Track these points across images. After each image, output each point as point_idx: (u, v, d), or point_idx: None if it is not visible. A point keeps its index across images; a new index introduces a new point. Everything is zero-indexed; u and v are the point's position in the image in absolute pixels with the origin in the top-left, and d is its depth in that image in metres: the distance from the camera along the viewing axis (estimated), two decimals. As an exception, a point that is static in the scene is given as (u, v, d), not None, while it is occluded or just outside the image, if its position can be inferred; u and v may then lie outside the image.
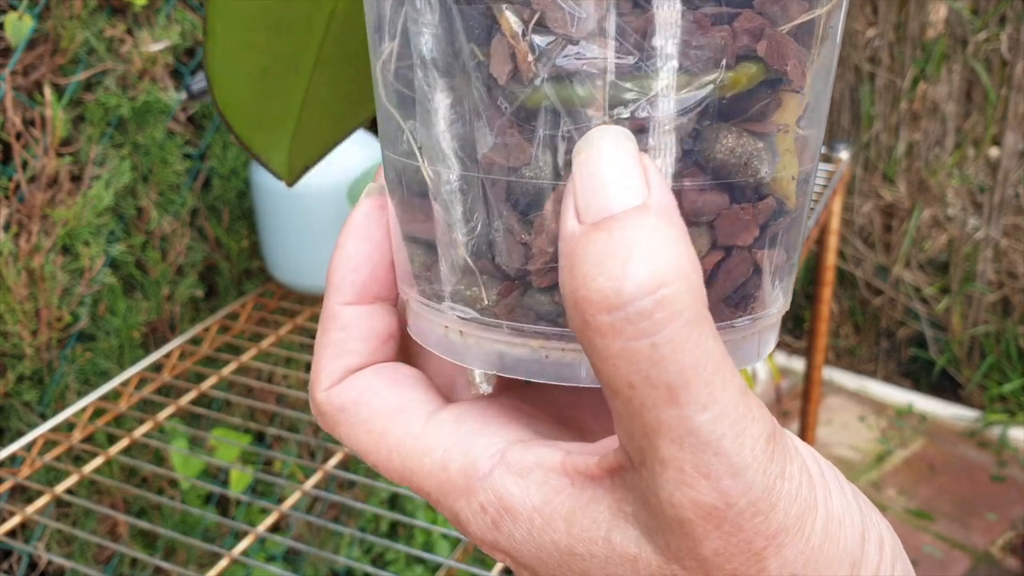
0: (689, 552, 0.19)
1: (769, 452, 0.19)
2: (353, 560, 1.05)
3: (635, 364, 0.18)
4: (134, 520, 0.73)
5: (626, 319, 0.18)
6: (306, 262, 0.94)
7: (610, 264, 0.18)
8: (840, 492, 0.21)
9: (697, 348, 0.18)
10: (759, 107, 0.21)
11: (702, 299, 0.18)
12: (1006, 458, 1.84)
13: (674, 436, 0.18)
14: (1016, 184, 1.88)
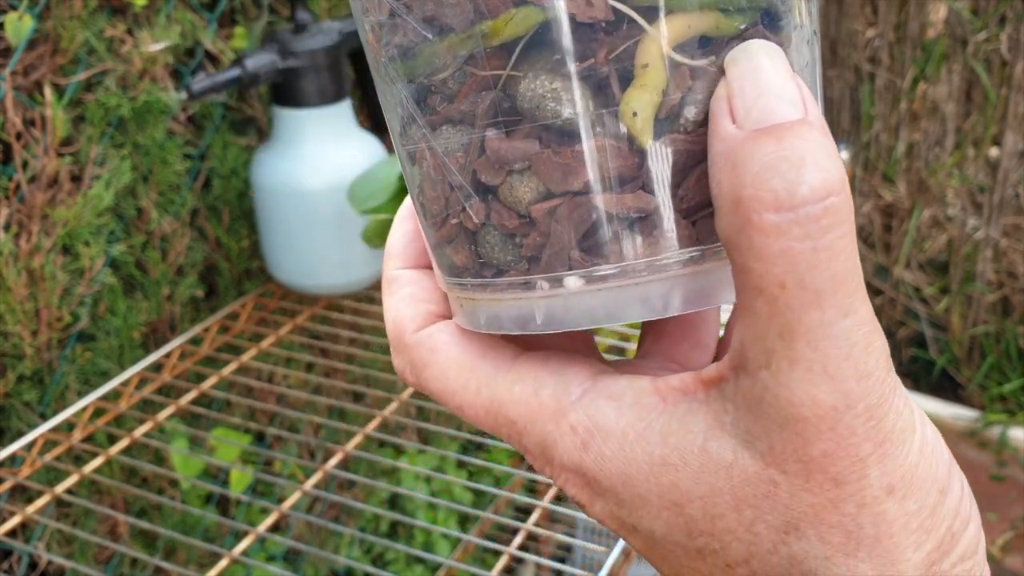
0: (795, 454, 0.20)
1: (889, 367, 0.20)
2: (353, 560, 1.05)
3: (792, 264, 0.19)
4: (134, 520, 0.73)
5: (795, 220, 0.19)
6: (306, 262, 0.94)
7: (784, 167, 0.19)
8: (931, 426, 0.21)
9: (849, 259, 0.19)
10: (554, 48, 0.22)
11: (852, 212, 0.20)
12: (1006, 458, 1.84)
13: (811, 337, 0.19)
14: (1016, 184, 1.88)
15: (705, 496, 0.21)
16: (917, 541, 0.20)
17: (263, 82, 0.89)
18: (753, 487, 0.20)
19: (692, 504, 0.21)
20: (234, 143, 1.01)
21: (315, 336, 1.06)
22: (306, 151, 0.91)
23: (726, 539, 0.21)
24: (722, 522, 0.21)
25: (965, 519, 0.21)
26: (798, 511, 0.20)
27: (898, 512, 0.20)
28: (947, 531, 0.21)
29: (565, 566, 0.67)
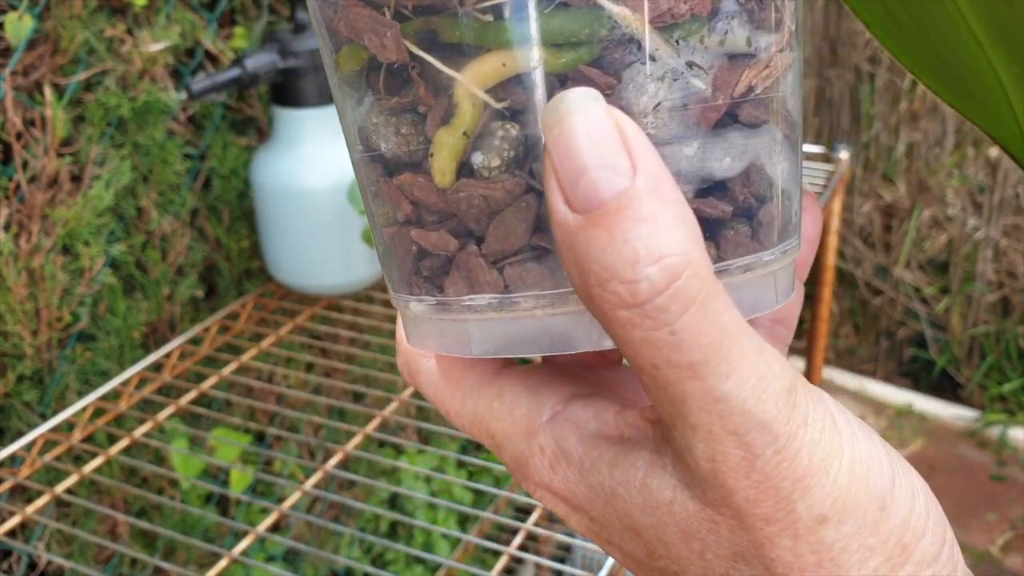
0: (723, 501, 0.20)
1: (791, 403, 0.20)
2: (353, 560, 1.06)
3: (657, 349, 0.19)
4: (134, 520, 0.73)
5: (643, 314, 0.19)
6: (306, 262, 0.94)
7: (619, 267, 0.18)
8: (868, 440, 0.21)
9: (713, 327, 0.19)
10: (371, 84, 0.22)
11: (709, 275, 0.19)
12: (1006, 458, 1.84)
13: (701, 405, 0.19)
14: (1016, 184, 1.88)
15: (655, 526, 0.22)
16: (860, 559, 0.21)
17: (263, 82, 0.89)
18: (696, 523, 0.21)
19: (645, 531, 0.22)
20: (234, 143, 1.01)
21: (315, 336, 1.06)
22: (306, 151, 0.91)
23: (683, 563, 0.22)
24: (675, 549, 0.22)
25: (919, 530, 0.21)
26: (741, 546, 0.21)
27: (835, 536, 0.20)
28: (896, 544, 0.21)
29: (565, 566, 0.67)
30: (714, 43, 0.21)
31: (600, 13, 0.20)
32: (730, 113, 0.22)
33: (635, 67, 0.20)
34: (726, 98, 0.21)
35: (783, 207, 0.23)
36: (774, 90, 0.22)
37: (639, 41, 0.20)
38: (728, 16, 0.21)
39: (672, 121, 0.21)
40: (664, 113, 0.21)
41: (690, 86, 0.21)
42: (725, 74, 0.21)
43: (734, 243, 0.22)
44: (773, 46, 0.22)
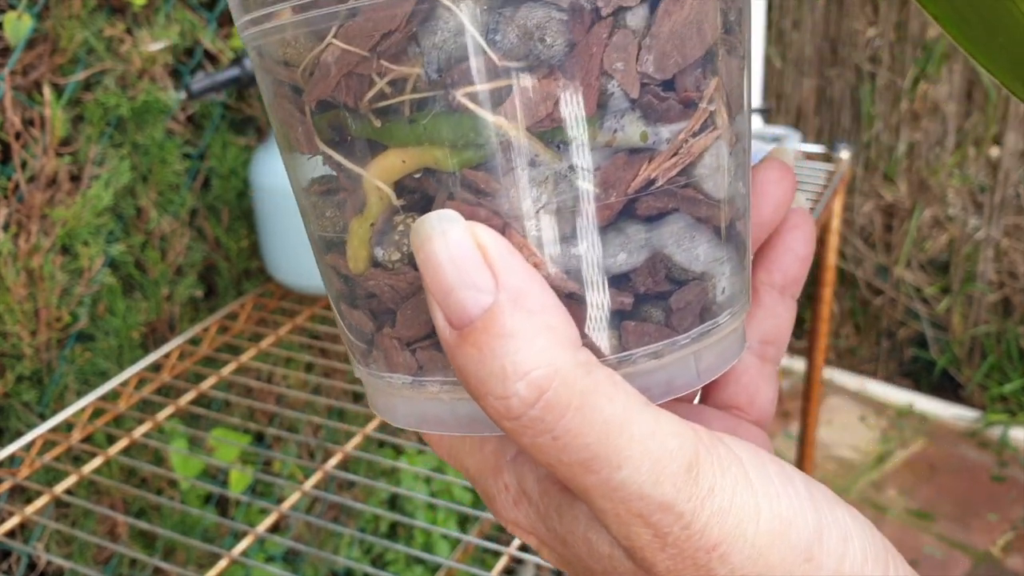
0: (648, 569, 0.21)
1: (692, 478, 0.20)
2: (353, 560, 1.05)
3: (545, 453, 0.20)
4: (133, 520, 0.73)
5: (524, 426, 0.20)
6: (306, 262, 0.94)
7: (491, 384, 0.19)
8: (790, 494, 0.22)
9: (595, 425, 0.20)
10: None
11: (583, 376, 0.20)
12: (1007, 458, 1.84)
13: (601, 494, 0.20)
14: (1017, 184, 1.88)
15: (606, 571, 0.23)
16: None
17: (262, 81, 0.89)
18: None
19: (599, 574, 0.23)
20: (233, 143, 1.00)
21: (314, 336, 1.06)
22: (305, 151, 0.91)
23: None
24: None
25: (854, 573, 0.22)
26: None
27: None
28: None
29: (565, 567, 0.67)
30: (602, 143, 0.21)
31: (479, 120, 0.20)
32: (626, 208, 0.21)
33: (516, 172, 0.20)
34: (619, 195, 0.21)
35: (703, 290, 0.23)
36: (685, 177, 0.22)
37: (518, 148, 0.20)
38: (617, 114, 0.21)
39: (559, 222, 0.21)
40: (550, 215, 0.21)
41: (575, 188, 0.21)
42: (617, 172, 0.21)
43: (637, 333, 0.22)
44: (683, 133, 0.22)
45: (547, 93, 0.20)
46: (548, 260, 0.21)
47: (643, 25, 0.21)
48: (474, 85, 0.20)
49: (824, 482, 0.25)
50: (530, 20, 0.20)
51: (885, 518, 1.69)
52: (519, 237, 0.21)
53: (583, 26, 0.20)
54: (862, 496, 1.75)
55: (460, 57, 0.20)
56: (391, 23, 0.20)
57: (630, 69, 0.20)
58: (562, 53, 0.20)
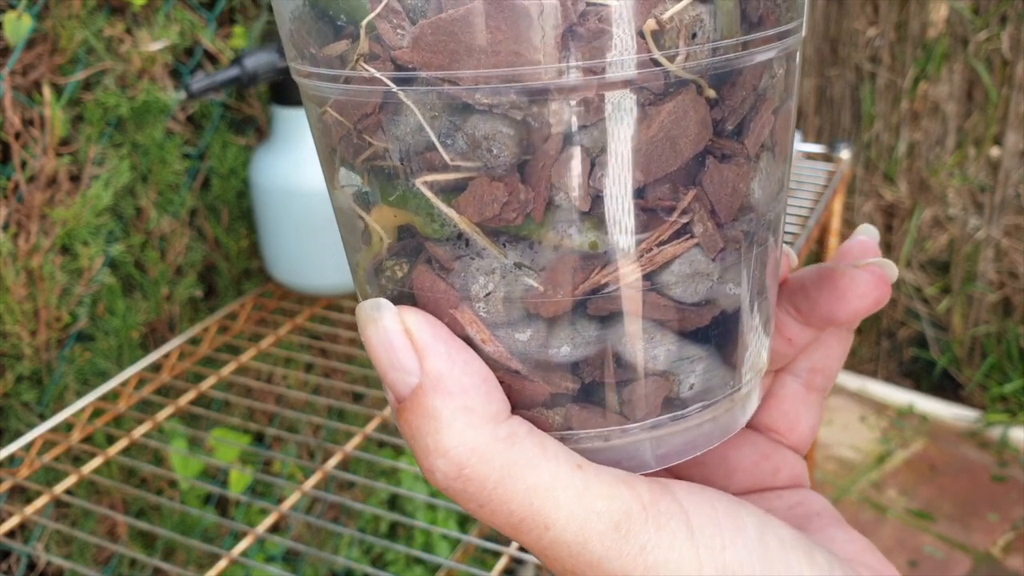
0: None
1: (621, 535, 0.21)
2: (353, 561, 1.05)
3: (482, 517, 0.22)
4: (133, 521, 0.73)
5: (453, 495, 0.22)
6: (306, 262, 0.94)
7: (421, 457, 0.22)
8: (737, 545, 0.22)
9: (517, 494, 0.21)
10: None
11: (501, 452, 0.21)
12: (1007, 458, 1.84)
13: (537, 552, 0.22)
14: (1017, 184, 1.88)
15: None
16: None
17: (262, 81, 0.89)
18: None
19: None
20: (233, 142, 1.00)
21: (314, 336, 1.06)
22: (305, 151, 0.91)
23: None
24: None
25: None
26: None
27: None
28: None
29: (565, 567, 0.67)
30: (549, 247, 0.21)
31: (434, 208, 0.22)
32: (576, 306, 0.22)
33: (465, 259, 0.22)
34: (567, 295, 0.22)
35: (663, 385, 0.23)
36: (648, 282, 0.22)
37: (468, 238, 0.22)
38: (566, 223, 0.21)
39: (504, 308, 0.22)
40: (496, 301, 0.22)
41: (521, 282, 0.22)
42: (566, 274, 0.22)
43: (581, 417, 0.23)
44: (645, 243, 0.22)
45: (494, 196, 0.21)
46: (494, 339, 0.22)
47: (598, 145, 0.21)
48: (429, 176, 0.21)
49: (824, 482, 0.25)
50: (478, 131, 0.21)
51: (885, 518, 1.69)
52: (470, 315, 0.22)
53: (531, 141, 0.21)
54: (862, 496, 1.75)
55: (418, 151, 0.21)
56: (366, 107, 0.22)
57: (581, 184, 0.21)
58: (508, 164, 0.21)
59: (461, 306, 0.22)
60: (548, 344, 0.22)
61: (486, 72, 0.20)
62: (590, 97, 0.20)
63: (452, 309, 0.22)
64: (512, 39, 0.20)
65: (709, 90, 0.21)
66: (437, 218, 0.22)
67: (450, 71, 0.20)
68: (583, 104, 0.20)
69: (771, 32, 0.22)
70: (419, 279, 0.23)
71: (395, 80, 0.21)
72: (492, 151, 0.21)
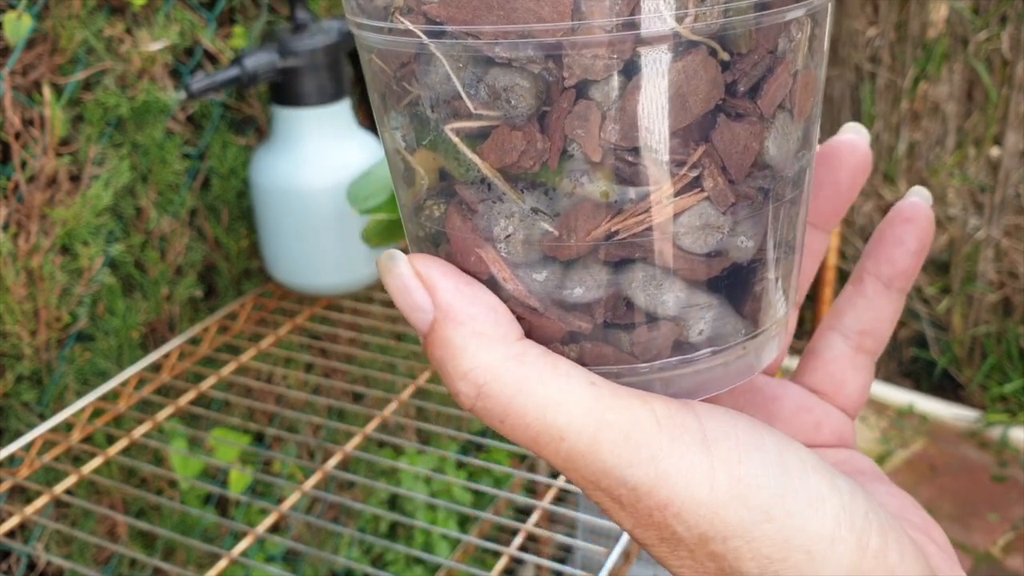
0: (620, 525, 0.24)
1: (632, 445, 0.22)
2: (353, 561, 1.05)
3: (505, 434, 0.23)
4: (133, 521, 0.73)
5: (477, 414, 0.23)
6: (306, 262, 0.94)
7: (448, 384, 0.23)
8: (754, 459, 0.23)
9: (531, 408, 0.22)
10: None
11: (514, 369, 0.23)
12: (1007, 458, 1.84)
13: (557, 464, 0.23)
14: (1017, 184, 1.88)
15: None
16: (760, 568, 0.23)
17: (262, 81, 0.89)
18: None
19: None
20: (233, 142, 1.00)
21: (314, 336, 1.06)
22: (306, 151, 0.91)
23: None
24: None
25: (826, 536, 0.23)
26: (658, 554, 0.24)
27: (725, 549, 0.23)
28: (800, 551, 0.23)
29: (565, 567, 0.67)
30: (563, 193, 0.23)
31: (461, 153, 0.23)
32: (589, 250, 0.23)
33: (489, 203, 0.23)
34: (580, 240, 0.23)
35: (672, 329, 0.24)
36: (658, 232, 0.23)
37: (491, 183, 0.23)
38: (578, 172, 0.23)
39: (523, 250, 0.24)
40: (516, 243, 0.24)
41: (537, 226, 0.23)
42: (579, 220, 0.23)
43: (593, 354, 0.24)
44: (655, 194, 0.23)
45: (513, 144, 0.22)
46: (515, 278, 0.24)
47: (610, 98, 0.22)
48: (456, 123, 0.23)
49: None
50: (498, 82, 0.22)
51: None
52: (493, 254, 0.24)
53: (547, 94, 0.22)
54: (862, 496, 1.75)
55: (447, 99, 0.23)
56: (403, 57, 0.24)
57: (592, 136, 0.22)
58: (526, 114, 0.22)
59: (485, 246, 0.24)
60: (563, 285, 0.24)
61: (505, 28, 0.21)
62: (600, 54, 0.21)
63: (478, 248, 0.24)
64: None
65: (722, 52, 0.22)
66: (464, 163, 0.23)
67: (473, 26, 0.22)
68: (594, 60, 0.21)
69: None
70: (451, 219, 0.24)
71: (426, 33, 0.22)
72: (511, 102, 0.22)
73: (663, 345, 0.24)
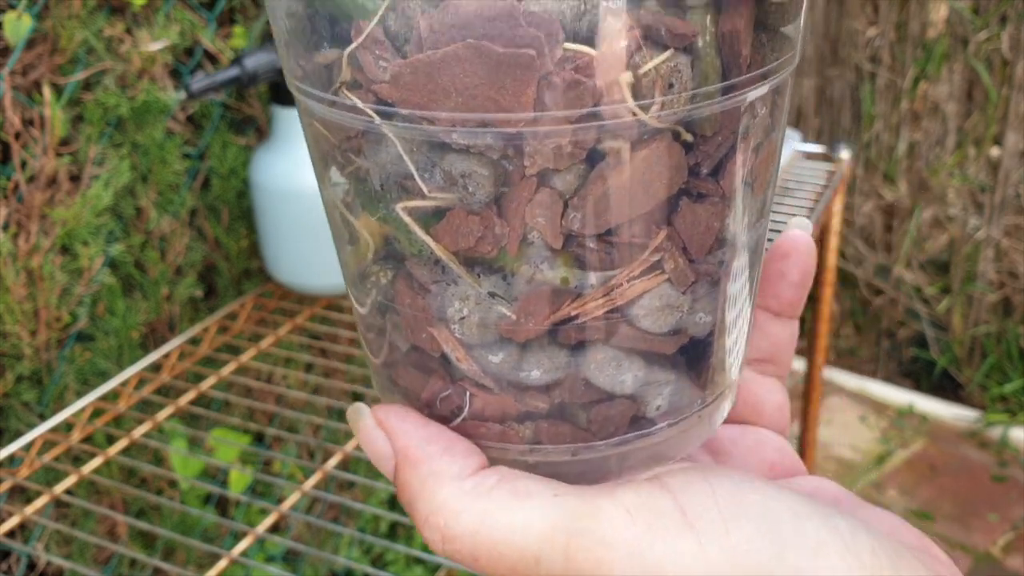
0: None
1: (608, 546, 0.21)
2: (353, 561, 1.05)
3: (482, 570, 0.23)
4: (133, 521, 0.73)
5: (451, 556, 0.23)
6: (306, 262, 0.94)
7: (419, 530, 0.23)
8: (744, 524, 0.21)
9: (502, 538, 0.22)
10: None
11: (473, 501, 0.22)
12: (1007, 458, 1.84)
13: None
14: (1017, 184, 1.88)
15: None
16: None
17: (262, 81, 0.89)
18: None
19: None
20: (233, 142, 1.00)
21: (314, 336, 1.06)
22: (306, 151, 0.91)
23: None
24: None
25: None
26: None
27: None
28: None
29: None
30: (522, 279, 0.22)
31: (412, 233, 0.22)
32: (547, 333, 0.23)
33: (441, 284, 0.23)
34: (538, 324, 0.22)
35: (630, 407, 0.24)
36: (618, 314, 0.22)
37: (444, 266, 0.22)
38: (538, 259, 0.22)
39: (478, 332, 0.23)
40: (471, 325, 0.23)
41: (494, 310, 0.22)
42: (537, 305, 0.22)
43: (550, 433, 0.24)
44: (616, 279, 0.22)
45: (469, 228, 0.21)
46: (469, 358, 0.23)
47: (571, 187, 0.21)
48: (408, 203, 0.22)
49: None
50: (455, 168, 0.21)
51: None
52: (447, 334, 0.23)
53: (506, 182, 0.21)
54: (862, 496, 1.74)
55: (398, 178, 0.22)
56: (349, 131, 0.22)
57: (553, 224, 0.21)
58: (484, 201, 0.21)
59: (438, 325, 0.23)
60: (520, 367, 0.23)
61: (463, 115, 0.20)
62: (563, 144, 0.20)
63: (431, 327, 0.23)
64: (488, 84, 0.20)
65: (686, 135, 0.21)
66: (415, 242, 0.22)
67: (428, 111, 0.20)
68: (557, 150, 0.20)
69: (755, 74, 0.22)
70: (400, 294, 0.23)
71: (377, 112, 0.21)
72: (468, 188, 0.21)
73: (620, 422, 0.24)
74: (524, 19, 0.19)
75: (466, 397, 0.24)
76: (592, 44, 0.20)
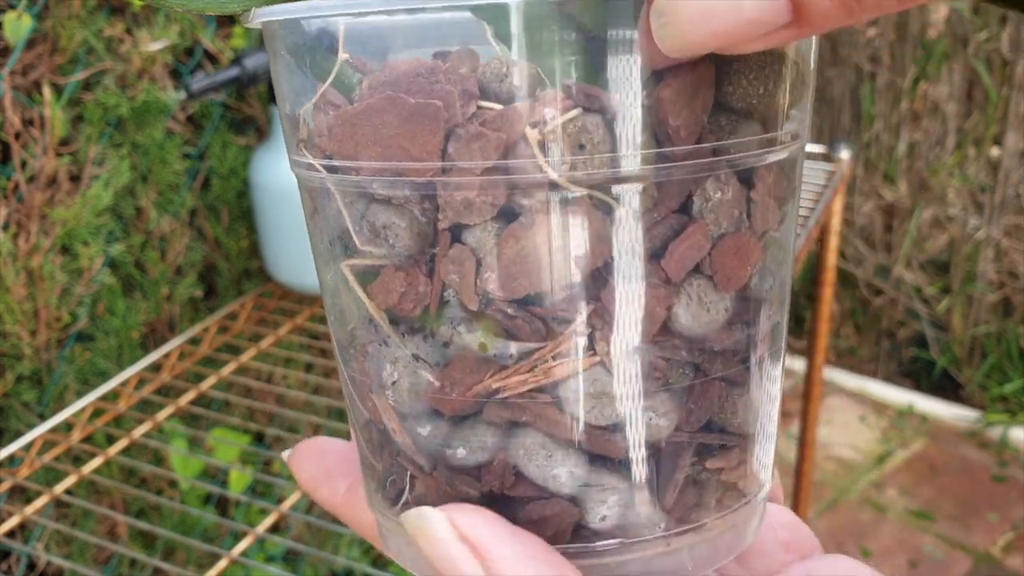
0: None
1: None
2: (353, 560, 1.05)
3: None
4: (133, 520, 0.73)
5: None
6: (306, 262, 0.94)
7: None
8: None
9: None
10: None
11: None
12: (1007, 458, 1.84)
13: None
14: (1017, 184, 1.88)
15: None
16: None
17: (262, 81, 0.89)
18: None
19: None
20: (233, 142, 1.00)
21: (314, 336, 1.06)
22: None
23: None
24: None
25: None
26: None
27: None
28: None
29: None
30: (441, 342, 0.21)
31: (353, 292, 0.22)
32: (473, 408, 0.22)
33: (376, 344, 0.22)
34: (460, 395, 0.21)
35: (569, 511, 0.22)
36: (547, 395, 0.21)
37: (377, 325, 0.22)
38: (456, 320, 0.21)
39: (409, 399, 0.22)
40: (402, 391, 0.22)
41: (420, 374, 0.22)
42: (460, 373, 0.21)
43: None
44: (536, 353, 0.21)
45: (395, 285, 0.21)
46: (402, 429, 0.22)
47: (485, 245, 0.20)
48: (349, 260, 0.22)
49: (824, 482, 0.25)
50: (378, 220, 0.21)
51: (885, 518, 1.69)
52: (384, 401, 0.22)
53: (422, 235, 0.21)
54: (862, 496, 1.75)
55: (339, 233, 0.22)
56: (311, 189, 0.23)
57: (467, 283, 0.21)
58: (406, 254, 0.21)
59: (377, 391, 0.23)
60: (447, 443, 0.22)
61: (380, 164, 0.21)
62: (472, 197, 0.20)
63: (372, 393, 0.23)
64: (401, 135, 0.20)
65: (610, 201, 0.20)
66: (357, 301, 0.22)
67: (354, 161, 0.21)
68: (466, 203, 0.20)
69: (701, 147, 0.21)
70: (356, 359, 0.23)
71: (324, 167, 0.22)
72: (389, 240, 0.21)
73: (559, 527, 0.22)
74: (444, 76, 0.20)
75: (407, 477, 0.23)
76: (508, 103, 0.20)
